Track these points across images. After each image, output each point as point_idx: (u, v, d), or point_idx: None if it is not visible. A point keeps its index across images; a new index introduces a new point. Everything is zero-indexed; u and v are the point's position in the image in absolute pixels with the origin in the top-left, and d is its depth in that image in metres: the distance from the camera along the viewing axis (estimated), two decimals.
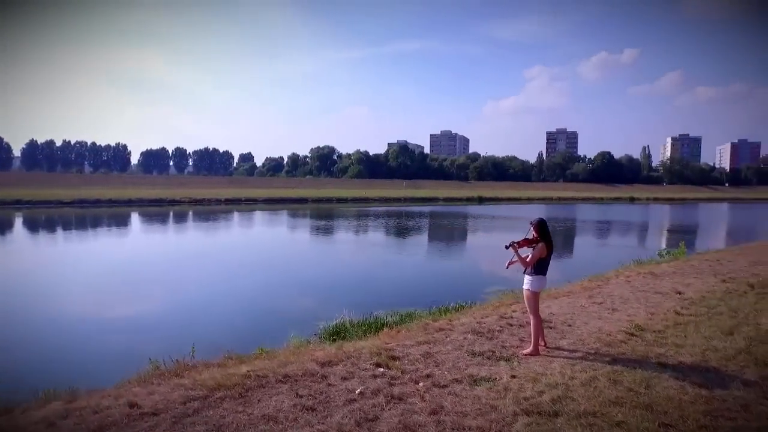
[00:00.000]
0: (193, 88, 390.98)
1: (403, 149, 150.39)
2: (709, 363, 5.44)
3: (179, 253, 21.63)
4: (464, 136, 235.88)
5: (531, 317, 5.93)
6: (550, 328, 6.96)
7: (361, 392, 4.64)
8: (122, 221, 36.18)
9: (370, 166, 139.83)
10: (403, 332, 8.03)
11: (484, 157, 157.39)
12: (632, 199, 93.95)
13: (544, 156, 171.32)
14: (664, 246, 22.19)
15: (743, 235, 28.93)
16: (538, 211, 54.81)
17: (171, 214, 43.23)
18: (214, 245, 24.28)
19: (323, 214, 44.26)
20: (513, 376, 5.06)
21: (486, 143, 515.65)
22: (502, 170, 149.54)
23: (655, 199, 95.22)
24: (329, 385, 4.84)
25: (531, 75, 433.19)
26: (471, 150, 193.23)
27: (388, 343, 6.60)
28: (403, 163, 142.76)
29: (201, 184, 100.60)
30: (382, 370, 5.31)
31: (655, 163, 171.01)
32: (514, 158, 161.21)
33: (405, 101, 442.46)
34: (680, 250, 16.96)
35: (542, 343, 5.99)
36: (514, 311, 8.21)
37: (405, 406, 4.36)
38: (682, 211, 61.20)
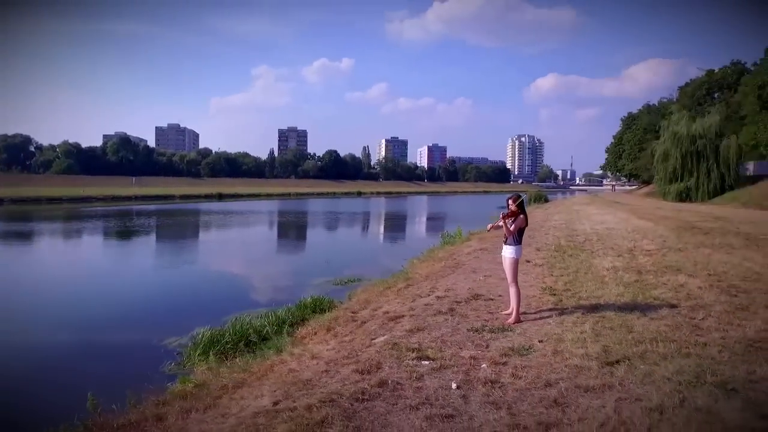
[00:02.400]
0: None
1: (124, 142, 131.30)
2: (633, 302, 6.88)
3: None
4: (194, 131, 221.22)
5: (511, 285, 6.38)
6: (490, 300, 7.58)
7: (458, 386, 4.26)
8: None
9: (83, 161, 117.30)
10: (339, 329, 7.45)
11: (216, 153, 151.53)
12: (359, 193, 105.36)
13: (276, 153, 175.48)
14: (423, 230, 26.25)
15: (465, 218, 35.97)
16: (273, 205, 56.46)
17: None
18: None
19: (40, 217, 35.50)
20: (540, 341, 5.41)
21: (217, 139, 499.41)
22: (235, 166, 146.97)
23: (377, 193, 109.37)
24: (418, 389, 4.27)
25: (258, 73, 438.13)
26: (201, 145, 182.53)
27: (375, 337, 6.07)
28: (125, 157, 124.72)
29: None
30: (428, 363, 4.92)
31: (373, 161, 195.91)
32: (247, 155, 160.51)
33: (122, 88, 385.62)
34: (459, 231, 20.38)
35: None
36: (434, 290, 8.54)
37: (516, 386, 4.23)
38: (402, 202, 72.22)
